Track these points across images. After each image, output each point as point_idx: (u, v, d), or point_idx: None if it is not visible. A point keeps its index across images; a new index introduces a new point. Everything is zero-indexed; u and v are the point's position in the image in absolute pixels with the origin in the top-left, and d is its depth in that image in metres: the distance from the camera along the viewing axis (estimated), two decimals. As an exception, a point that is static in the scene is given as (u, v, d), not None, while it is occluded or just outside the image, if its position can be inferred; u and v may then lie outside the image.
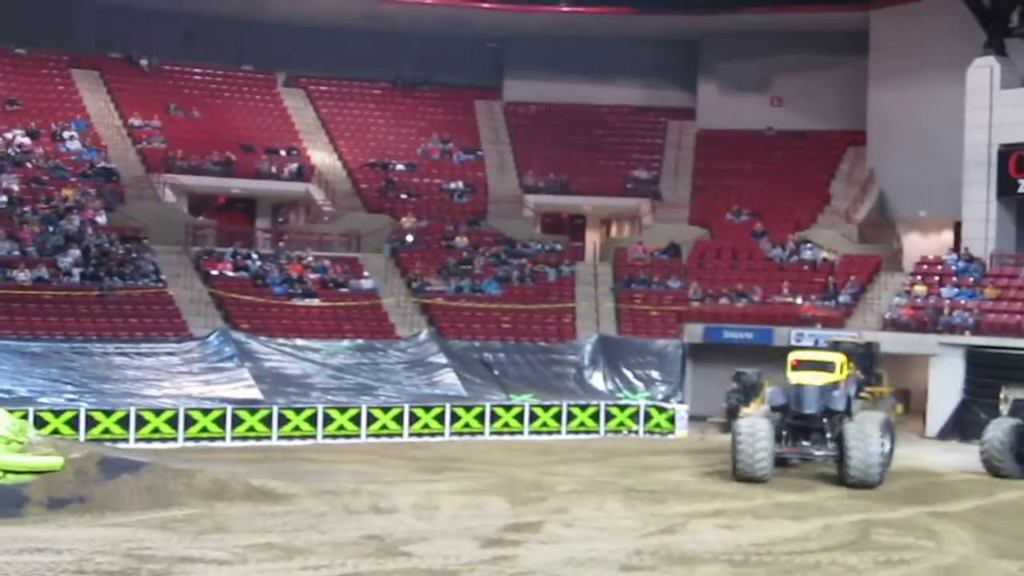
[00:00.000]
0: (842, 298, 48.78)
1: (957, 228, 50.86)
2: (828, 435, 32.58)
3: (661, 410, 42.53)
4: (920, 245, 53.42)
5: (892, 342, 43.87)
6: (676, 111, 62.16)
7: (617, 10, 57.98)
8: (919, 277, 48.45)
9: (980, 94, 47.56)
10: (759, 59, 58.95)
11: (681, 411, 42.56)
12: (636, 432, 41.76)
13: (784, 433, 32.89)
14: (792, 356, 35.01)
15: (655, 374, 47.21)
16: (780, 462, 33.05)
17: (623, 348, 47.97)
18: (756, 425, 31.74)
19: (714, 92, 60.86)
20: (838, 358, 34.77)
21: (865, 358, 41.82)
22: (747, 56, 59.07)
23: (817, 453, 32.70)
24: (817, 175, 57.62)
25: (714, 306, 49.35)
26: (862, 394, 41.17)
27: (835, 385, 33.21)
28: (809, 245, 52.61)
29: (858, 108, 56.22)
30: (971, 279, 46.85)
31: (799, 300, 49.08)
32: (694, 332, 47.70)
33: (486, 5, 58.57)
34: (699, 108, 61.48)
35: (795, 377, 33.84)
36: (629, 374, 47.09)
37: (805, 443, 32.97)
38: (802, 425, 33.06)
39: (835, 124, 58.36)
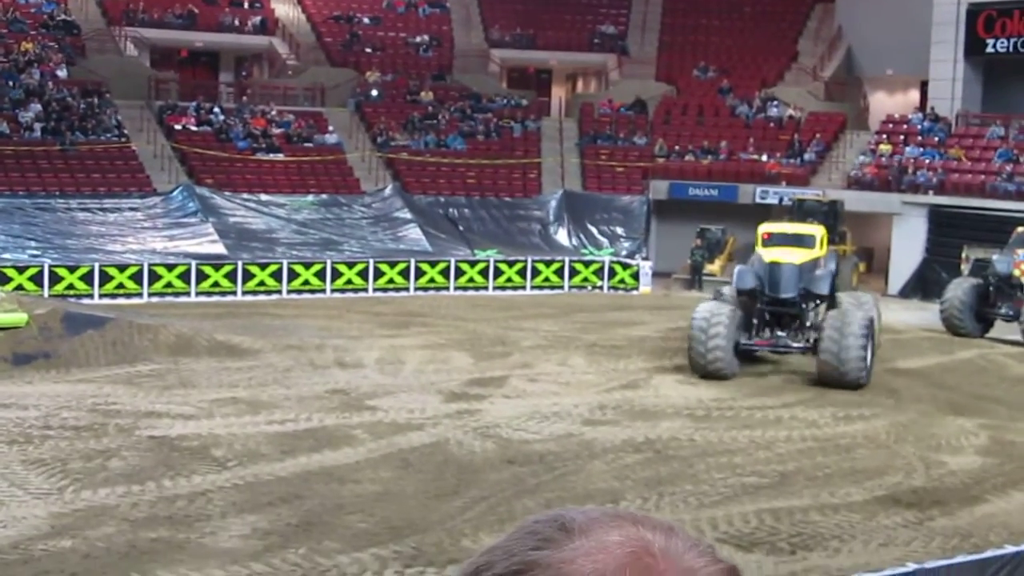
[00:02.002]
0: (807, 156, 48.77)
1: (923, 87, 50.83)
2: (808, 324, 27.42)
3: (625, 266, 42.66)
4: (886, 104, 53.34)
5: (856, 200, 43.99)
6: (644, -35, 61.44)
7: None
8: (884, 136, 48.46)
9: (950, -51, 47.27)
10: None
11: (645, 267, 42.68)
12: (600, 288, 41.89)
13: (755, 321, 27.54)
14: (763, 228, 29.90)
15: (620, 230, 47.31)
16: (748, 355, 27.80)
17: (588, 204, 47.99)
18: (714, 312, 26.55)
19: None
20: (817, 231, 29.77)
21: (829, 216, 42.02)
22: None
23: (794, 345, 27.43)
24: (785, 32, 57.24)
25: (679, 163, 49.26)
26: None
27: (815, 263, 27.98)
28: (775, 102, 52.43)
29: (827, -37, 55.75)
30: (936, 139, 46.87)
31: (764, 157, 49.04)
32: (659, 188, 47.70)
33: None
34: (667, -38, 60.76)
35: (768, 254, 28.27)
36: (594, 230, 47.17)
37: (780, 333, 27.75)
38: (777, 311, 27.69)
39: (804, -20, 57.86)
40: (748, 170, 48.23)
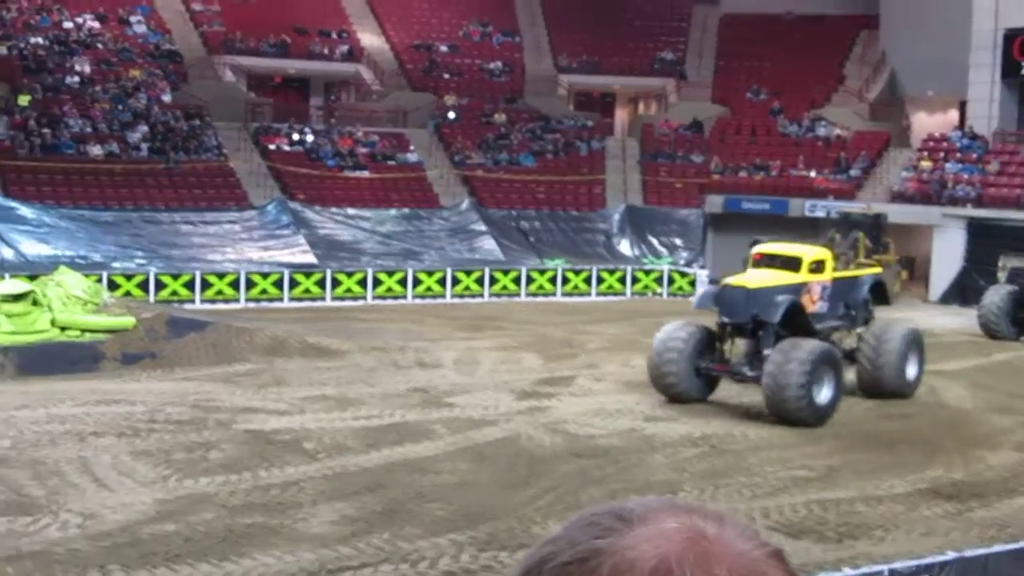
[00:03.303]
0: (853, 172, 48.34)
1: (962, 107, 50.27)
2: (766, 351, 23.01)
3: (683, 274, 42.55)
4: (927, 123, 52.73)
5: (899, 213, 43.37)
6: (701, -5, 61.19)
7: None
8: (925, 153, 47.97)
9: (988, -21, 46.76)
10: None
11: (702, 275, 42.43)
12: (660, 295, 41.78)
13: (718, 344, 24.29)
14: (755, 249, 25.66)
15: (678, 241, 47.19)
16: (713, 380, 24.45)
17: (649, 217, 47.89)
18: (671, 334, 23.68)
19: (736, -23, 59.79)
20: (810, 255, 25.07)
21: (874, 228, 41.52)
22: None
23: (748, 373, 23.38)
24: (832, 56, 56.73)
25: (733, 179, 48.99)
26: (865, 262, 40.96)
27: (782, 289, 23.75)
28: (823, 122, 52.02)
29: (872, -8, 55.27)
30: (974, 155, 46.32)
31: (813, 173, 48.67)
32: (715, 203, 47.41)
33: None
34: (722, -8, 60.49)
35: (737, 276, 25.04)
36: (654, 241, 47.07)
37: (737, 359, 24.11)
38: (736, 335, 24.43)
39: (850, 8, 57.27)
40: (798, 185, 47.87)
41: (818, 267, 24.85)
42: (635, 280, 42.00)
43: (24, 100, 44.97)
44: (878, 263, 40.97)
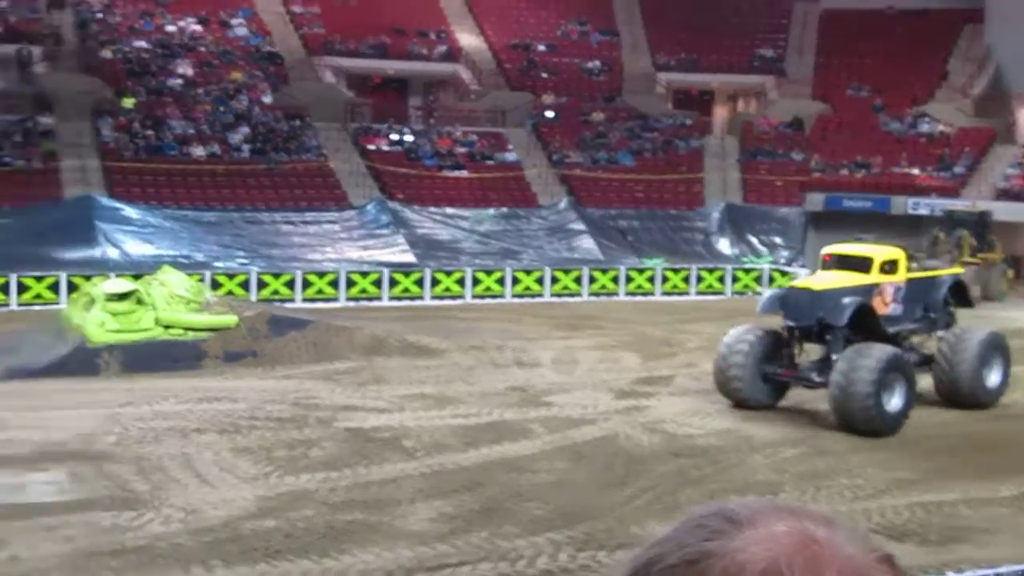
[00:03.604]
0: (957, 169, 47.52)
1: (1071, 102, 49.17)
2: (834, 356, 21.92)
3: (784, 273, 42.04)
4: (1034, 118, 51.67)
5: (1004, 211, 42.72)
6: (801, -9, 60.52)
7: None
8: (1032, 149, 47.05)
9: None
10: (881, -60, 56.97)
11: (802, 274, 41.96)
12: (760, 294, 41.28)
13: (786, 349, 23.28)
14: (825, 250, 24.77)
15: (778, 240, 46.68)
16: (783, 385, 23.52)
17: (748, 216, 47.47)
18: (739, 337, 22.94)
19: (837, -27, 59.08)
20: (882, 255, 23.66)
21: (979, 226, 40.88)
22: (870, -63, 57.13)
23: (817, 379, 22.36)
24: (935, 52, 55.74)
25: (834, 176, 48.38)
26: (970, 260, 40.18)
27: (850, 290, 22.57)
28: (926, 119, 51.20)
29: (977, -14, 54.28)
30: (1083, 151, 45.37)
31: (916, 171, 47.94)
32: (815, 201, 46.88)
33: None
34: (823, -12, 59.78)
35: (804, 278, 25.54)
36: (754, 240, 46.62)
37: (806, 363, 23.13)
38: (804, 339, 23.31)
39: (954, 2, 56.22)
40: (900, 183, 47.17)
41: (890, 267, 23.45)
42: (735, 279, 41.65)
43: (128, 103, 45.73)
44: (984, 261, 40.38)
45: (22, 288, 35.13)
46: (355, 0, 56.90)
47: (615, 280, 40.55)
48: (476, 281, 39.22)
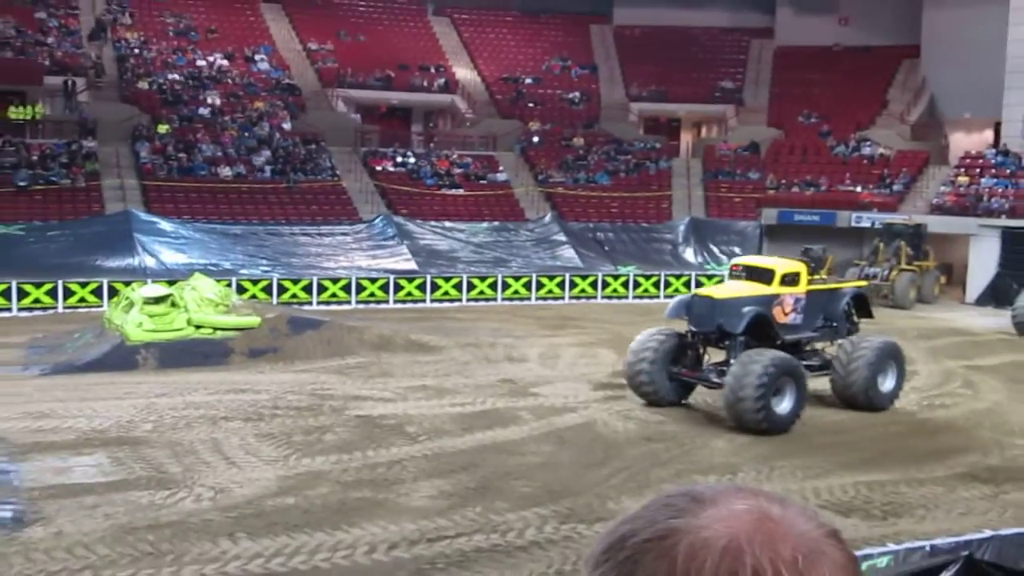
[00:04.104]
0: (896, 187, 47.59)
1: (997, 127, 49.29)
2: (732, 360, 21.12)
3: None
4: (964, 142, 51.75)
5: (938, 224, 42.82)
6: (757, 31, 60.54)
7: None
8: (962, 169, 47.16)
9: (1022, 10, 45.91)
10: (828, -14, 57.14)
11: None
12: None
13: (690, 352, 22.23)
14: (733, 261, 24.36)
15: (737, 249, 46.48)
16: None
17: (711, 228, 47.49)
18: (647, 339, 21.96)
19: (789, 14, 59.13)
20: (783, 267, 22.47)
21: (915, 237, 41.05)
22: (818, -17, 57.28)
23: (715, 380, 21.30)
24: (877, 83, 55.91)
25: (787, 194, 48.43)
26: (907, 267, 40.31)
27: (749, 300, 21.60)
28: (868, 143, 51.29)
29: (914, 25, 54.28)
30: (1008, 171, 45.48)
31: (859, 189, 48.01)
32: (770, 215, 46.93)
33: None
34: (777, 28, 59.79)
35: (708, 287, 24.96)
36: (716, 249, 46.62)
37: (706, 367, 22.05)
38: (704, 343, 22.31)
39: (893, 40, 56.34)
40: (845, 199, 47.26)
41: (791, 280, 22.24)
42: (698, 284, 41.48)
43: (163, 129, 45.69)
44: (919, 268, 40.47)
45: (68, 293, 35.03)
46: (364, 38, 57.01)
47: (593, 285, 40.53)
48: (471, 286, 39.19)
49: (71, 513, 14.82)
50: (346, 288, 37.64)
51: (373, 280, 38.41)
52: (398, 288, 38.30)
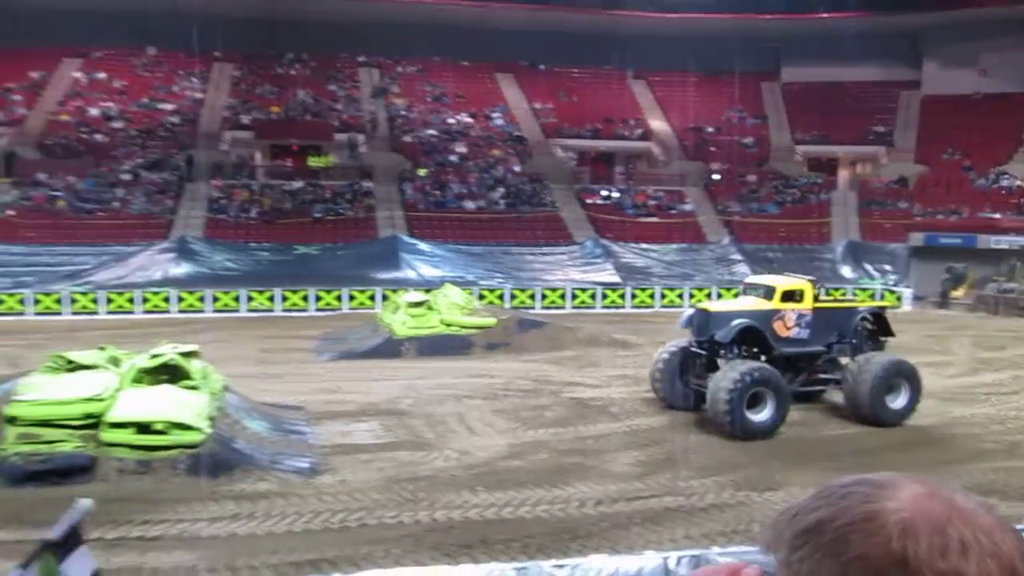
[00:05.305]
0: (1030, 213, 44.61)
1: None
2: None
3: (892, 292, 40.25)
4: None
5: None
6: (906, 83, 57.71)
7: (859, 14, 54.25)
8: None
9: None
10: (969, 42, 53.87)
11: (906, 293, 40.20)
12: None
13: (699, 362, 19.57)
14: (747, 279, 21.68)
15: (888, 267, 44.70)
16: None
17: (865, 249, 45.57)
18: (662, 353, 20.12)
19: (935, 68, 56.17)
20: (786, 285, 19.46)
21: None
22: (959, 40, 54.10)
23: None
24: (1013, 124, 52.46)
25: (932, 220, 46.03)
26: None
27: (742, 314, 18.99)
28: (1007, 175, 48.23)
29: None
30: None
31: (997, 215, 45.17)
32: (917, 238, 44.63)
33: (767, 16, 55.97)
34: (923, 80, 56.93)
35: (706, 302, 22.22)
36: (869, 267, 44.73)
37: (710, 375, 18.77)
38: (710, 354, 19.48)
39: (1026, 88, 52.92)
40: (985, 225, 44.52)
41: (792, 296, 19.24)
42: (854, 295, 40.00)
43: (422, 172, 47.01)
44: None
45: (351, 298, 36.47)
46: (577, 98, 57.25)
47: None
48: (663, 296, 38.81)
49: (352, 466, 15.31)
50: (563, 296, 37.87)
51: (584, 290, 38.53)
52: (604, 296, 38.28)
